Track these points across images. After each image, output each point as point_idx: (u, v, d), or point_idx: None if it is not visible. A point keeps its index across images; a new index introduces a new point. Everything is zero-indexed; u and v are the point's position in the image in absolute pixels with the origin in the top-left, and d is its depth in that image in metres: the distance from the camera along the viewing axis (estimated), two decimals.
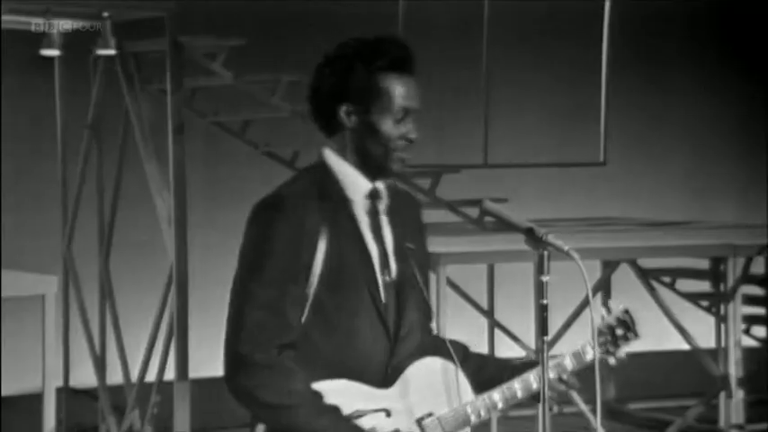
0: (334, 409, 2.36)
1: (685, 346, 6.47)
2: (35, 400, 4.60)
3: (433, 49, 7.72)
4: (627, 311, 2.74)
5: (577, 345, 2.70)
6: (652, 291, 6.45)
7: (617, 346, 2.74)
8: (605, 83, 7.19)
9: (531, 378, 2.60)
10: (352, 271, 2.41)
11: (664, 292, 6.53)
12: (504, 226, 2.62)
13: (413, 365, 2.48)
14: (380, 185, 2.50)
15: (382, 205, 2.50)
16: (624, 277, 6.63)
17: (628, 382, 7.05)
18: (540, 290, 2.53)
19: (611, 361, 2.75)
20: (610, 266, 6.55)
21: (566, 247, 2.49)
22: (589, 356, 2.68)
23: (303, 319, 2.37)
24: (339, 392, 2.38)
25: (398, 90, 2.46)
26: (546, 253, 2.51)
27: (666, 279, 6.78)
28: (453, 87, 7.79)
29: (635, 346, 8.24)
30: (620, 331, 2.74)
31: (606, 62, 7.19)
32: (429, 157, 7.01)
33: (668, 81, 8.94)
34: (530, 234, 2.51)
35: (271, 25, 7.66)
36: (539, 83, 8.48)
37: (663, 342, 7.93)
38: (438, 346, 2.59)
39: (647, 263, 6.55)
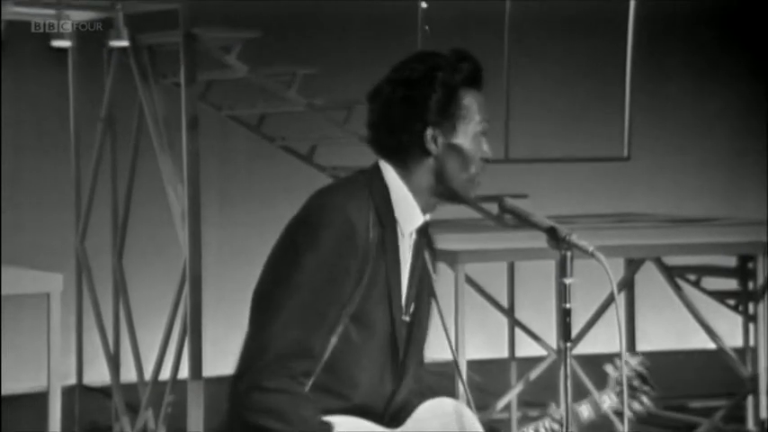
0: None
1: (711, 345, 6.35)
2: (38, 398, 4.50)
3: (453, 41, 7.62)
4: (643, 363, 2.60)
5: (594, 394, 2.59)
6: (678, 290, 6.32)
7: (634, 398, 2.60)
8: (629, 75, 7.07)
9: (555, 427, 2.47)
10: (383, 310, 2.26)
11: (688, 290, 6.44)
12: (525, 224, 2.48)
13: (424, 406, 2.35)
14: (428, 219, 2.35)
15: (424, 242, 2.36)
16: (648, 275, 6.52)
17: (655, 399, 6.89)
18: (563, 293, 2.41)
19: (629, 413, 2.62)
20: (633, 265, 6.42)
21: (590, 248, 2.37)
22: (606, 405, 2.58)
23: (329, 351, 2.22)
24: (350, 429, 2.25)
25: (479, 106, 2.32)
26: (569, 254, 2.38)
27: (692, 277, 6.66)
28: None
29: (660, 345, 8.06)
30: (636, 383, 2.61)
31: (631, 55, 7.06)
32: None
33: (694, 72, 8.85)
34: (552, 234, 2.39)
35: (287, 17, 7.59)
36: (561, 76, 8.42)
37: (688, 341, 7.87)
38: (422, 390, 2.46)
39: (672, 260, 6.44)
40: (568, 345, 2.46)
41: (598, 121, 7.99)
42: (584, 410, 2.57)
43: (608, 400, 2.59)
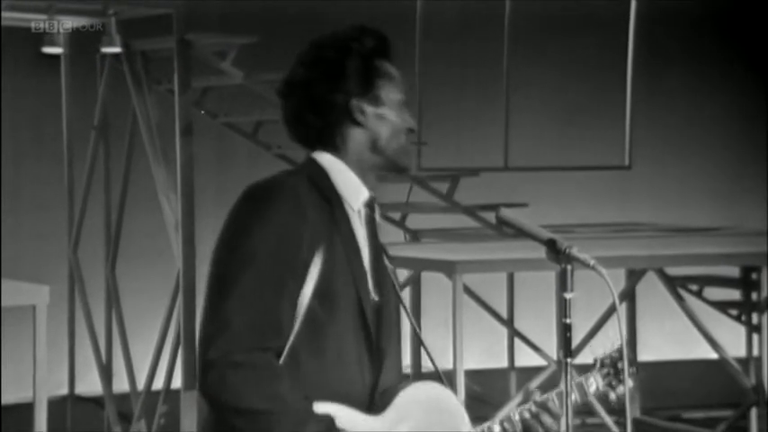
0: (327, 419, 2.10)
1: (713, 355, 6.31)
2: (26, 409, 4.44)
3: (451, 48, 7.57)
4: (626, 344, 2.52)
5: (579, 377, 2.51)
6: (680, 300, 6.26)
7: (619, 380, 2.52)
8: (630, 83, 7.00)
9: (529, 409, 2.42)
10: (346, 284, 2.17)
11: (691, 299, 6.39)
12: (523, 236, 2.38)
13: (406, 390, 2.23)
14: (373, 193, 2.28)
15: (376, 216, 2.28)
16: (649, 284, 6.45)
17: (654, 392, 6.84)
18: (563, 308, 2.32)
19: (612, 396, 2.54)
20: (635, 275, 6.35)
21: (591, 261, 2.27)
22: (593, 388, 2.50)
23: (294, 333, 2.11)
24: (327, 411, 2.14)
25: (396, 75, 2.27)
26: (569, 267, 2.28)
27: (694, 287, 6.60)
28: (472, 88, 7.64)
29: (662, 355, 7.97)
30: (621, 364, 2.52)
31: (632, 62, 6.99)
32: (447, 159, 6.92)
33: (695, 81, 8.77)
34: (551, 246, 2.29)
35: (282, 23, 7.51)
36: (561, 83, 8.34)
37: (690, 351, 7.79)
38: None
39: (674, 270, 6.38)
40: (569, 360, 2.36)
41: (599, 130, 7.95)
42: (571, 395, 2.46)
43: (594, 383, 2.50)
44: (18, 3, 5.34)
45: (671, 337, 8.07)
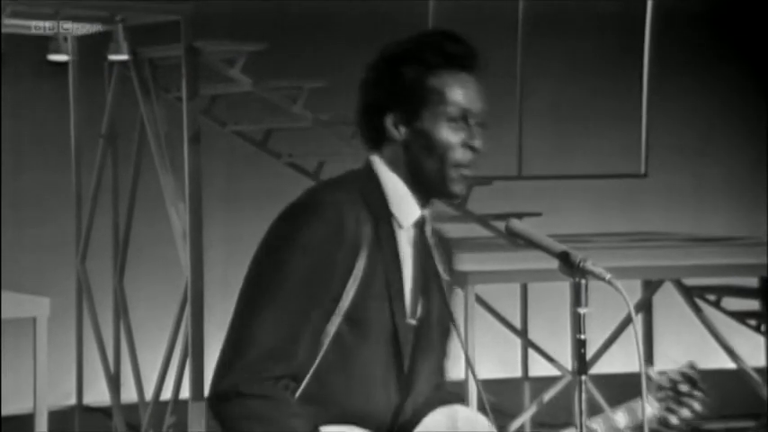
0: None
1: (731, 365, 6.25)
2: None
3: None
4: (693, 366, 2.38)
5: (631, 400, 2.39)
6: (698, 311, 6.19)
7: (680, 404, 2.38)
8: (646, 89, 6.91)
9: None
10: (381, 309, 2.06)
11: (708, 309, 6.33)
12: (535, 248, 2.28)
13: (433, 415, 2.14)
14: (428, 213, 2.15)
15: (427, 237, 2.15)
16: (666, 294, 6.37)
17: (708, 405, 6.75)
18: (577, 323, 2.22)
19: (674, 420, 2.39)
20: (651, 286, 6.26)
21: (607, 275, 2.16)
22: (648, 412, 2.36)
23: (320, 356, 2.03)
24: None
25: (454, 88, 2.09)
26: (583, 282, 2.18)
27: (712, 297, 6.52)
28: (485, 93, 7.50)
29: (677, 364, 7.83)
30: (684, 387, 2.38)
31: (648, 67, 6.90)
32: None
33: (715, 86, 8.68)
34: (564, 259, 2.19)
35: (292, 29, 7.46)
36: (576, 90, 8.28)
37: (707, 360, 7.68)
38: (443, 398, 2.24)
39: (691, 280, 6.30)
40: (584, 378, 2.26)
41: (614, 137, 7.87)
42: (621, 419, 2.38)
43: (648, 408, 2.34)
44: (22, 9, 5.28)
45: (688, 347, 7.96)
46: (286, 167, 6.49)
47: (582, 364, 2.25)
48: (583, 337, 2.24)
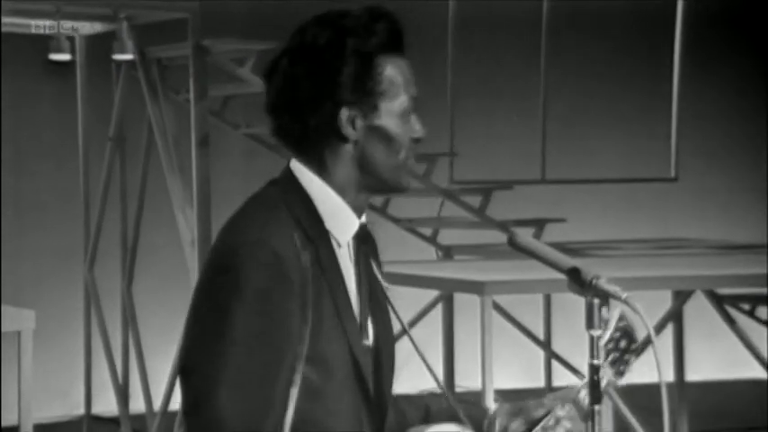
0: None
1: (764, 375, 6.16)
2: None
3: (485, 54, 7.35)
4: (622, 317, 2.14)
5: (570, 390, 2.19)
6: (731, 322, 6.01)
7: (625, 361, 2.16)
8: (677, 90, 6.71)
9: None
10: (337, 340, 1.83)
11: (739, 318, 6.16)
12: (541, 263, 2.04)
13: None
14: (365, 219, 1.92)
15: (366, 248, 1.92)
16: (697, 302, 6.21)
17: (703, 413, 6.57)
18: (591, 347, 2.01)
19: (619, 380, 2.18)
20: (682, 296, 6.07)
21: (623, 295, 1.94)
22: (604, 381, 2.11)
23: (291, 407, 1.80)
24: None
25: (404, 76, 1.86)
26: (596, 301, 1.95)
27: (745, 306, 6.32)
28: (507, 95, 7.39)
29: (711, 374, 7.63)
30: (623, 343, 2.15)
31: (678, 67, 6.70)
32: (480, 171, 6.68)
33: (746, 88, 8.50)
34: (574, 276, 1.95)
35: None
36: (603, 90, 8.10)
37: (740, 371, 7.62)
38: (400, 409, 2.02)
39: (724, 289, 6.11)
40: (597, 408, 2.06)
41: (643, 139, 7.71)
42: (584, 395, 2.16)
43: (604, 376, 2.13)
44: (22, 7, 5.10)
45: (720, 356, 7.82)
46: None
47: (595, 392, 2.04)
48: (596, 362, 2.03)
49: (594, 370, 2.04)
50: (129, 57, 5.61)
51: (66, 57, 5.57)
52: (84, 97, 6.24)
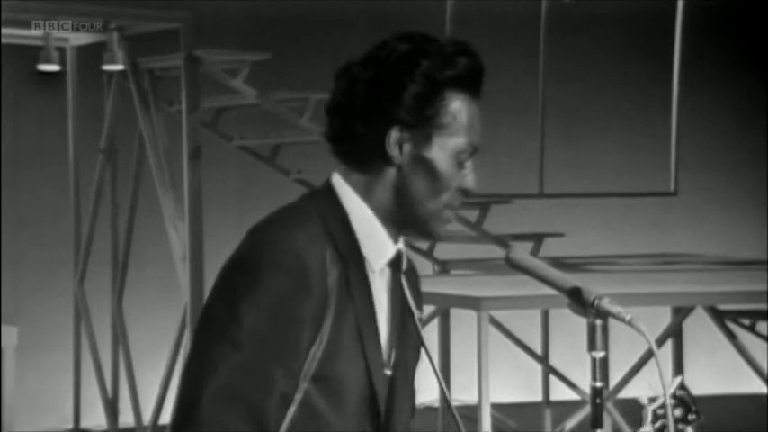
0: None
1: (763, 390, 6.18)
2: None
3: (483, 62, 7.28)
4: (683, 386, 2.07)
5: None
6: (732, 338, 5.98)
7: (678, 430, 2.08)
8: (676, 104, 6.65)
9: None
10: (353, 364, 1.75)
11: (738, 332, 6.14)
12: (541, 282, 1.96)
13: None
14: (403, 247, 1.82)
15: (401, 276, 1.83)
16: (696, 317, 6.16)
17: (703, 428, 6.49)
18: (593, 369, 1.93)
19: None
20: (682, 312, 6.03)
21: (627, 316, 1.85)
22: None
23: (286, 426, 1.72)
24: None
25: (470, 117, 1.77)
26: (598, 322, 1.88)
27: (746, 321, 6.30)
28: (506, 107, 7.34)
29: (710, 389, 7.59)
30: (678, 412, 2.07)
31: (678, 82, 6.66)
32: (477, 185, 6.51)
33: (746, 101, 8.46)
34: (575, 296, 1.87)
35: (298, 37, 7.24)
36: (601, 103, 8.07)
37: (739, 385, 7.64)
38: None
39: (724, 305, 6.04)
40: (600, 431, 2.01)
41: (642, 153, 7.68)
42: None
43: None
44: (10, 17, 5.03)
45: (719, 371, 7.78)
46: (296, 184, 6.27)
47: (597, 415, 1.96)
48: (599, 384, 1.95)
49: (597, 393, 1.97)
50: (119, 67, 5.58)
51: (55, 67, 5.51)
52: (75, 109, 6.21)
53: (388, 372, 1.80)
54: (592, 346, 1.91)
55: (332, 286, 1.71)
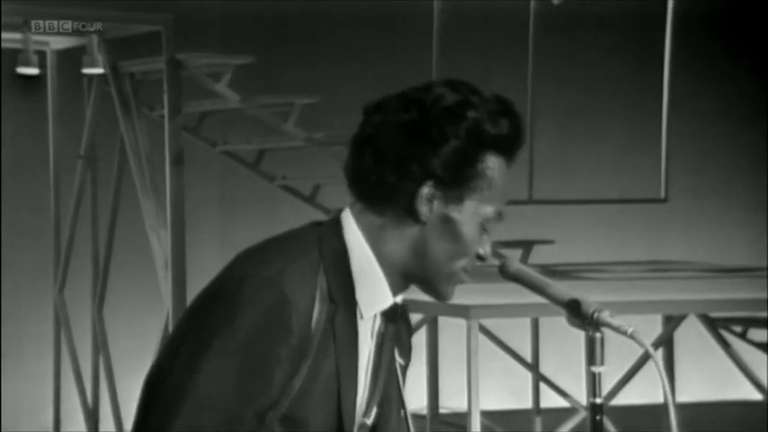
0: None
1: (756, 396, 6.09)
2: None
3: (471, 68, 7.24)
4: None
5: None
6: (725, 345, 5.93)
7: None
8: (666, 107, 6.61)
9: None
10: (326, 408, 1.65)
11: (730, 339, 6.09)
12: (537, 294, 1.87)
13: None
14: (400, 301, 1.72)
15: (392, 328, 1.72)
16: (686, 324, 6.08)
17: None
18: (592, 384, 1.85)
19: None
20: (674, 321, 6.00)
21: (629, 329, 1.77)
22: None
23: None
24: None
25: (502, 183, 1.68)
26: (598, 336, 1.79)
27: (737, 328, 6.26)
28: None
29: (701, 395, 7.52)
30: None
31: (668, 88, 6.63)
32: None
33: (737, 109, 8.44)
34: (574, 309, 1.77)
35: (282, 41, 7.18)
36: (591, 108, 8.03)
37: (730, 392, 7.63)
38: None
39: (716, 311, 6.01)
40: None
41: (632, 159, 7.65)
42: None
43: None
44: None
45: (710, 379, 7.76)
46: (281, 190, 6.21)
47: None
48: (599, 400, 1.87)
49: (597, 409, 1.89)
50: (99, 71, 5.53)
51: (34, 71, 5.43)
52: (55, 113, 6.15)
53: (368, 421, 1.70)
54: (591, 360, 1.82)
55: (316, 327, 1.62)
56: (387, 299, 1.68)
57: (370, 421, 1.71)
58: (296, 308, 1.60)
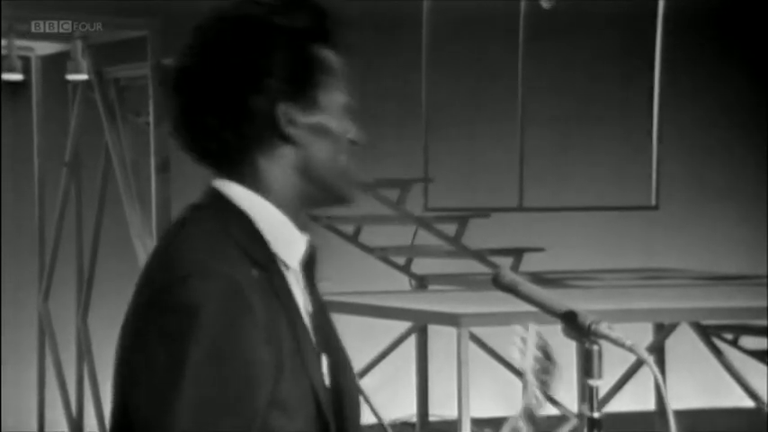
0: None
1: (747, 404, 6.15)
2: None
3: (461, 75, 7.23)
4: (540, 336, 1.94)
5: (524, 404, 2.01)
6: (717, 353, 5.96)
7: (547, 382, 1.96)
8: (657, 118, 6.61)
9: None
10: (300, 381, 1.57)
11: (722, 347, 6.12)
12: (532, 304, 1.85)
13: None
14: (309, 238, 1.64)
15: (316, 269, 1.65)
16: (677, 331, 6.10)
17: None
18: (589, 398, 1.83)
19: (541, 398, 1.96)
20: (666, 329, 5.98)
21: (627, 342, 1.73)
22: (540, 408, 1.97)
23: None
24: None
25: (341, 68, 1.61)
26: (595, 348, 1.75)
27: (729, 336, 6.25)
28: (485, 118, 7.31)
29: (693, 403, 7.51)
30: (546, 363, 1.95)
31: (658, 95, 6.64)
32: (455, 198, 6.57)
33: (729, 115, 8.41)
34: (570, 321, 1.74)
35: None
36: (581, 115, 7.98)
37: (722, 399, 7.56)
38: None
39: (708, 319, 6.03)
40: None
41: (622, 166, 7.62)
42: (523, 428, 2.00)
43: (536, 401, 1.97)
44: None
45: (702, 386, 7.75)
46: None
47: None
48: (596, 415, 1.84)
49: (594, 424, 1.83)
50: (83, 77, 5.46)
51: (18, 77, 5.37)
52: (40, 120, 6.10)
53: (326, 381, 1.62)
54: (588, 373, 1.79)
55: (268, 305, 1.53)
56: (302, 240, 1.60)
57: (327, 380, 1.62)
58: (245, 285, 1.51)
